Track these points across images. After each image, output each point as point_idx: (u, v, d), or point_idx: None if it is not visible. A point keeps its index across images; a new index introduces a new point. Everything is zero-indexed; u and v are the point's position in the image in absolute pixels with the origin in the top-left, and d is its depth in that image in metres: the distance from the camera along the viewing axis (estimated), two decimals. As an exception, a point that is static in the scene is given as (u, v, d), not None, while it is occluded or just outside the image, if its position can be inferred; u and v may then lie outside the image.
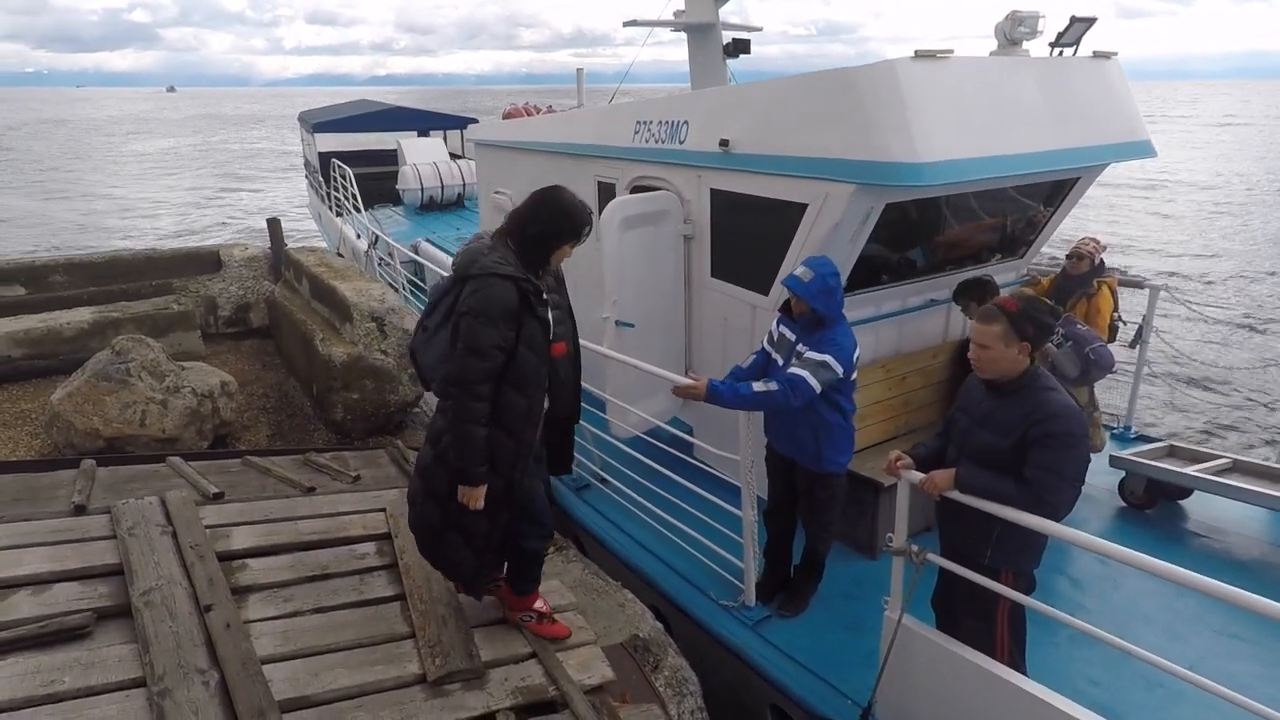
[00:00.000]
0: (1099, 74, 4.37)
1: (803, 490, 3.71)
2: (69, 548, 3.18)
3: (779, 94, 4.14)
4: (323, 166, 14.77)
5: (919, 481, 2.80)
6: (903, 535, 2.87)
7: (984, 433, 2.76)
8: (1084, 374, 4.32)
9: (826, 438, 3.51)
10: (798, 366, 3.34)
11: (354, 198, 12.17)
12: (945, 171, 3.53)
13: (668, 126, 4.91)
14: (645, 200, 4.88)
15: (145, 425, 4.63)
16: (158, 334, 5.94)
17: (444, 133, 16.61)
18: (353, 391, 5.10)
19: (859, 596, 3.88)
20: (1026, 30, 4.12)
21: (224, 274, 7.25)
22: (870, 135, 3.57)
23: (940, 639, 2.88)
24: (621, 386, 4.71)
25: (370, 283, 5.93)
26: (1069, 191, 4.91)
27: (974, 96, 3.77)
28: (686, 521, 4.07)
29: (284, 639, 2.82)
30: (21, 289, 6.57)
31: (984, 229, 4.97)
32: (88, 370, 4.78)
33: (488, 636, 2.98)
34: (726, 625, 3.71)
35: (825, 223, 3.87)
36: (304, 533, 3.54)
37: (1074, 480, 2.58)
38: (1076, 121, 4.13)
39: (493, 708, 2.64)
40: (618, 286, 4.75)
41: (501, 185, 7.27)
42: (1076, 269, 4.96)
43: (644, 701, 2.88)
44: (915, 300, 4.87)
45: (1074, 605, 3.77)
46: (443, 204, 13.83)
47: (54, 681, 2.47)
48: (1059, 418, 2.58)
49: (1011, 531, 2.66)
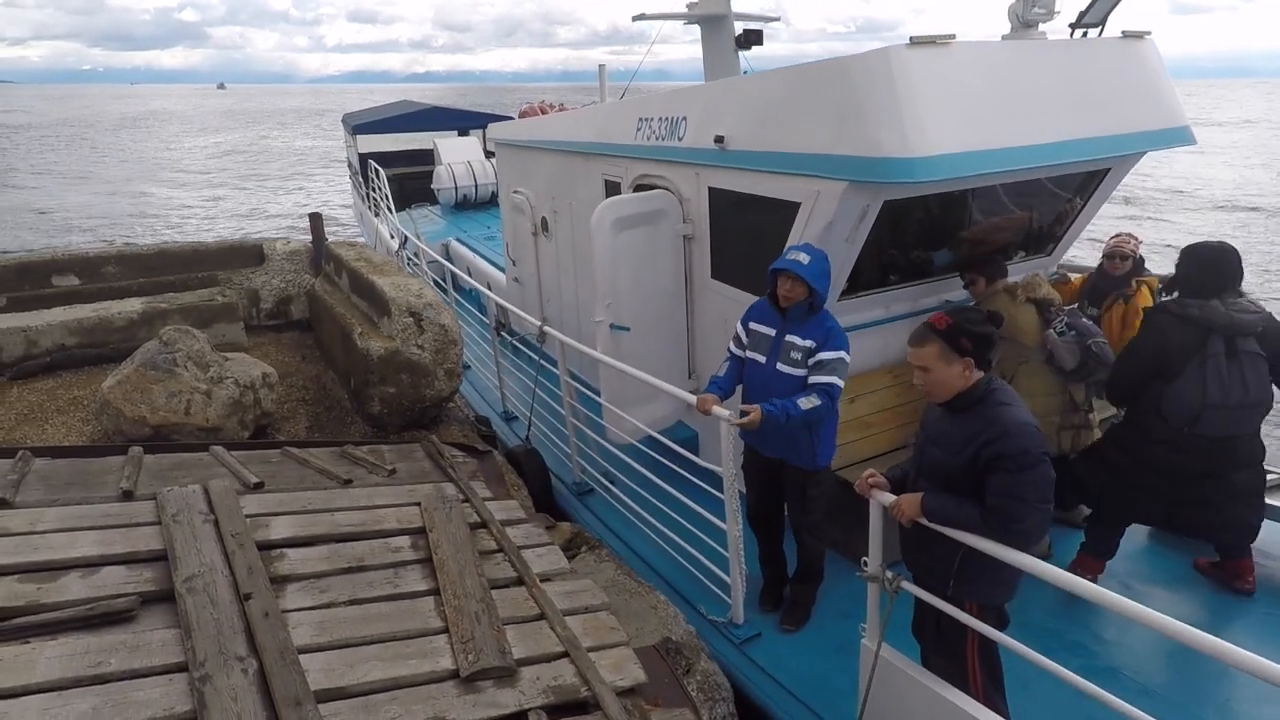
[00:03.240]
0: (1129, 56, 4.04)
1: (794, 492, 3.58)
2: (117, 532, 3.27)
3: (774, 87, 3.94)
4: (363, 167, 15.05)
5: (889, 505, 2.66)
6: (876, 560, 2.72)
7: (935, 450, 2.63)
8: (1083, 366, 3.98)
9: (820, 433, 3.43)
10: (824, 374, 3.27)
11: (387, 198, 12.36)
12: (943, 166, 3.30)
13: (667, 123, 4.75)
14: (640, 200, 4.74)
15: (190, 414, 4.73)
16: (203, 325, 6.08)
17: (481, 131, 16.81)
18: (389, 385, 5.15)
19: (855, 615, 3.64)
20: (1042, 11, 3.87)
21: (267, 267, 7.40)
22: (862, 129, 3.37)
23: (918, 673, 2.72)
24: (616, 392, 4.57)
25: (409, 278, 5.99)
26: (1099, 184, 4.62)
27: (979, 85, 3.52)
28: (679, 532, 3.93)
29: (320, 629, 2.85)
30: (75, 279, 6.79)
31: (1007, 225, 4.68)
32: (136, 359, 4.90)
33: (520, 634, 2.98)
34: (714, 642, 3.57)
35: (818, 222, 3.70)
36: (341, 524, 3.59)
37: (1038, 503, 2.39)
38: (1102, 108, 3.84)
39: (524, 706, 2.64)
40: (611, 289, 4.59)
41: (519, 185, 7.22)
42: (1117, 269, 4.64)
43: (676, 706, 2.86)
44: (929, 302, 4.61)
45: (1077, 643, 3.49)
46: (476, 202, 13.98)
47: (101, 663, 2.54)
48: (1009, 436, 2.41)
49: (974, 561, 2.50)
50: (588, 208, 5.85)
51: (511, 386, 6.38)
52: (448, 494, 3.93)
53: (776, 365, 3.41)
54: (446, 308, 5.51)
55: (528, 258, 7.29)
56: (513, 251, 7.72)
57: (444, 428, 5.56)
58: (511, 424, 6.23)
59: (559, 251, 6.60)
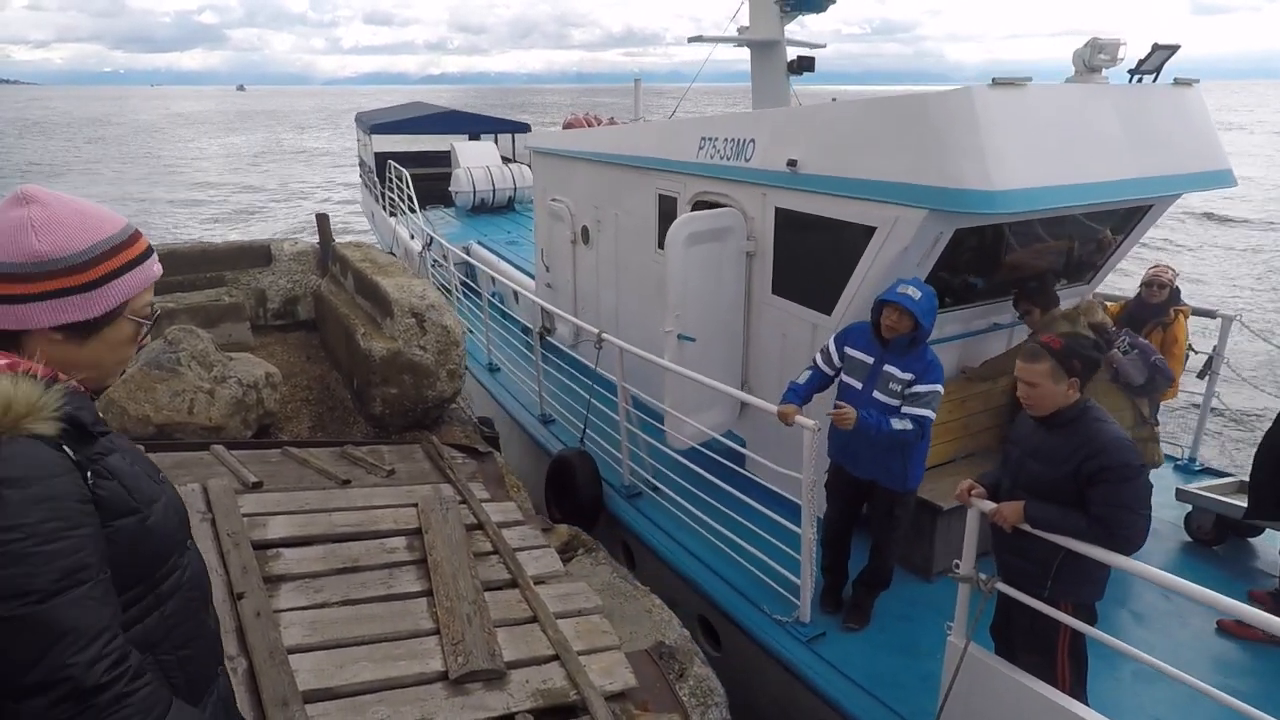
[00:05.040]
0: (1179, 102, 4.32)
1: (880, 510, 3.73)
2: (114, 530, 3.28)
3: (851, 116, 4.17)
4: (378, 167, 15.12)
5: (989, 511, 2.81)
6: (970, 562, 2.88)
7: (1034, 464, 2.78)
8: (1150, 382, 4.27)
9: (913, 456, 3.56)
10: (919, 406, 3.39)
11: (410, 199, 12.42)
12: (1019, 200, 3.52)
13: (733, 144, 4.94)
14: (710, 217, 4.93)
15: (193, 413, 4.76)
16: (210, 325, 6.12)
17: (495, 136, 16.87)
18: (391, 386, 5.16)
19: (914, 618, 3.86)
20: (1106, 58, 4.11)
21: (274, 268, 7.44)
22: (945, 161, 3.57)
23: (1006, 668, 2.85)
24: (679, 399, 4.75)
25: (412, 279, 6.02)
26: (1141, 219, 4.83)
27: (1050, 124, 3.76)
28: (740, 534, 4.09)
29: (312, 629, 2.86)
30: (86, 278, 6.87)
31: (1050, 253, 4.89)
32: (140, 358, 4.94)
33: (511, 637, 2.97)
34: (780, 640, 3.70)
35: (894, 246, 3.87)
36: (337, 524, 3.60)
37: (1141, 511, 2.58)
38: (1154, 150, 4.08)
39: (513, 709, 2.63)
40: (681, 301, 4.80)
41: (559, 193, 7.39)
42: (1155, 297, 4.90)
43: (665, 710, 2.83)
44: (978, 324, 4.85)
45: (1136, 640, 3.62)
46: (493, 206, 14.12)
47: (92, 661, 2.55)
48: (1110, 451, 2.60)
49: (1073, 564, 2.68)
50: (636, 220, 6.12)
51: (549, 389, 6.45)
52: (445, 495, 3.93)
53: (874, 393, 3.54)
54: (449, 309, 5.52)
55: (564, 265, 7.43)
56: (547, 258, 7.84)
57: (446, 428, 5.57)
58: (550, 426, 6.28)
59: (599, 260, 6.78)
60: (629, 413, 5.01)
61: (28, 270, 1.19)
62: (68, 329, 1.23)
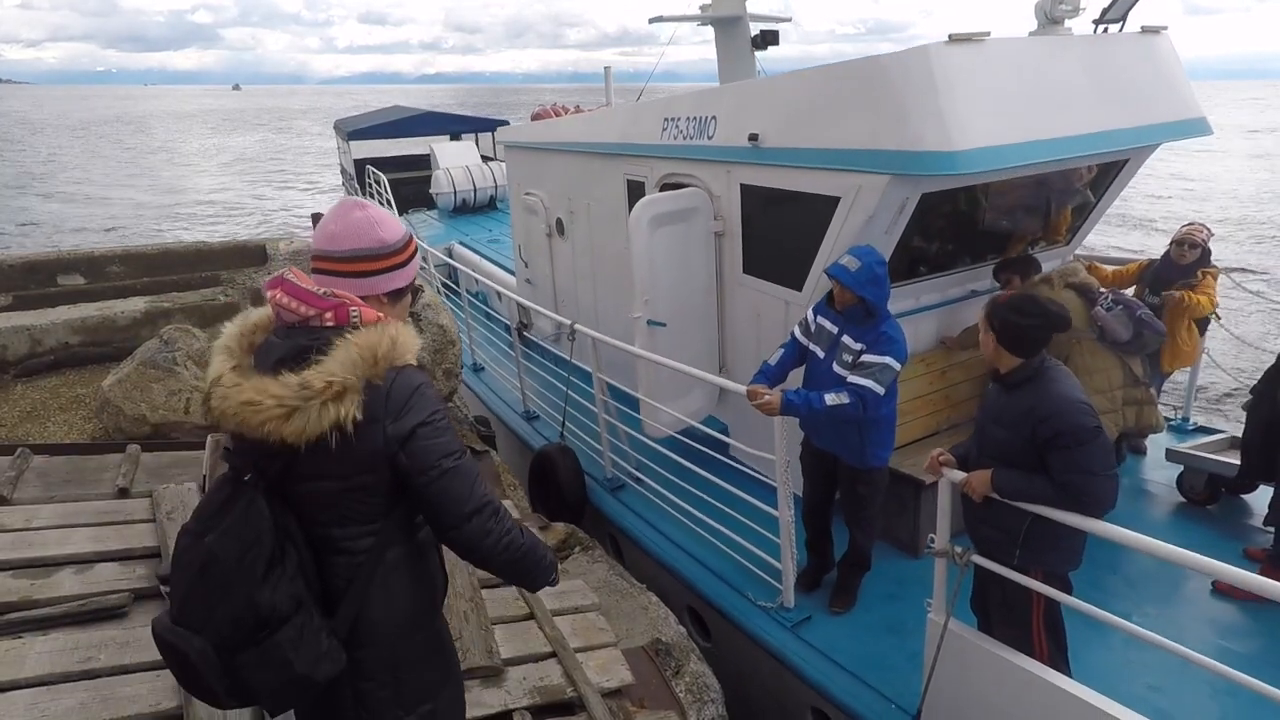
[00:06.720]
0: (1147, 50, 4.17)
1: (845, 486, 3.63)
2: (111, 529, 3.29)
3: (808, 85, 4.02)
4: (358, 173, 15.04)
5: (959, 481, 2.75)
6: (945, 536, 2.80)
7: (997, 429, 2.71)
8: (1138, 337, 4.14)
9: (872, 432, 3.44)
10: (861, 375, 3.23)
11: (389, 204, 12.37)
12: (983, 159, 3.39)
13: (696, 122, 4.82)
14: (674, 198, 4.81)
15: (189, 413, 4.76)
16: (206, 324, 6.11)
17: (475, 135, 16.76)
18: (387, 384, 5.18)
19: (901, 597, 3.78)
20: (1068, 8, 3.96)
21: (270, 267, 7.44)
22: (904, 124, 3.45)
23: (986, 642, 2.80)
24: (654, 386, 4.66)
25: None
26: (1117, 174, 4.71)
27: (1013, 79, 3.62)
28: (723, 521, 4.02)
29: (310, 626, 2.86)
30: (81, 279, 6.84)
31: (1027, 215, 4.77)
32: (137, 358, 4.94)
33: (508, 634, 2.98)
34: (765, 627, 3.64)
35: (859, 215, 3.76)
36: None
37: (1103, 472, 2.48)
38: (1124, 101, 3.94)
39: (510, 706, 2.63)
40: (649, 285, 4.68)
41: (532, 187, 7.25)
42: (1185, 258, 4.69)
43: (662, 708, 2.84)
44: (956, 292, 4.71)
45: (1130, 605, 3.60)
46: (475, 206, 13.97)
47: (90, 659, 2.55)
48: (1063, 414, 2.51)
49: (1041, 529, 2.61)
50: (607, 208, 5.94)
51: (533, 385, 6.41)
52: (442, 492, 3.93)
53: (832, 364, 3.43)
54: (444, 308, 5.52)
55: (541, 259, 7.31)
56: (525, 253, 7.73)
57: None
58: (533, 423, 6.25)
59: (575, 252, 6.63)
60: (606, 404, 4.90)
61: (377, 252, 1.65)
62: (392, 294, 1.70)
